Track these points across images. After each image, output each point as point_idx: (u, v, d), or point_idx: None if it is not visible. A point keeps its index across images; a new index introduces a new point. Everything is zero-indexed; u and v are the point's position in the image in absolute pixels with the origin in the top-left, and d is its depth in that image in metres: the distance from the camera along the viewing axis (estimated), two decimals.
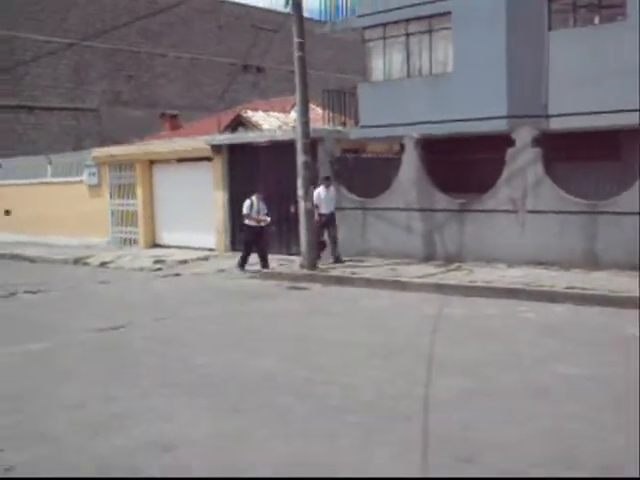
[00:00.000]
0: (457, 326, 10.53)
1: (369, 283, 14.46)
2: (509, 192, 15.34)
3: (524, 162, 15.07)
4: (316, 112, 21.00)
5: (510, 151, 15.28)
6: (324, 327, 10.76)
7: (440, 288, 13.52)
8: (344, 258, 16.81)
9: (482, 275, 14.22)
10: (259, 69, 38.14)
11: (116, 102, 35.05)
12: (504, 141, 15.86)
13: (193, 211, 21.98)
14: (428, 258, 16.39)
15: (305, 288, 14.78)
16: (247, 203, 17.12)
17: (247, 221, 17.11)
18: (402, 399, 7.13)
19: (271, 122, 23.91)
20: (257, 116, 25.85)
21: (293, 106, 24.12)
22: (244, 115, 26.38)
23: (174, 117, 31.65)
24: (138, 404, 7.29)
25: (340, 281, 14.93)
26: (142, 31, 35.38)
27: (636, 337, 9.37)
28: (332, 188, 17.02)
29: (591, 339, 9.45)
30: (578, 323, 10.49)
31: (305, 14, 16.07)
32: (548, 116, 16.81)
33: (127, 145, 25.40)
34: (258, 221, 17.02)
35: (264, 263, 16.96)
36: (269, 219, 17.26)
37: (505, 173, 15.40)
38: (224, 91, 24.34)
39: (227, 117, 27.01)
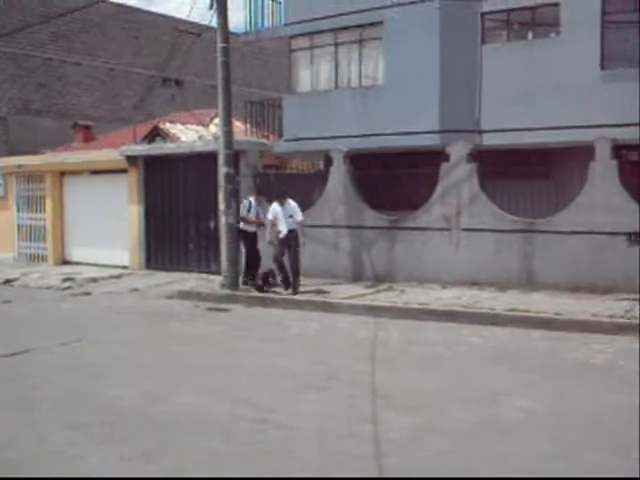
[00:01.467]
0: (397, 352, 9.66)
1: (295, 304, 13.51)
2: (443, 209, 14.66)
3: (459, 177, 14.41)
4: (237, 126, 20.04)
5: (444, 166, 14.62)
6: (249, 353, 9.75)
7: (372, 310, 12.67)
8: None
9: (415, 296, 13.45)
10: (178, 82, 36.98)
11: (25, 110, 33.32)
12: (437, 156, 15.22)
13: (106, 226, 20.68)
14: (357, 278, 15.56)
15: (226, 309, 13.75)
16: (244, 204, 15.28)
17: (243, 225, 15.29)
18: (348, 439, 6.20)
19: (190, 135, 22.83)
20: (175, 128, 24.77)
21: (212, 119, 23.19)
22: (161, 127, 25.27)
23: (87, 128, 30.22)
24: (34, 451, 6.16)
25: (263, 302, 13.95)
26: (55, 37, 33.82)
27: (585, 364, 8.74)
28: (290, 202, 14.68)
29: (543, 367, 8.69)
30: (525, 348, 9.74)
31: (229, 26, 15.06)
32: (481, 131, 16.26)
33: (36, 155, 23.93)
34: (258, 225, 15.23)
35: (253, 276, 15.07)
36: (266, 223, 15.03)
37: (439, 189, 14.72)
38: (140, 100, 23.10)
39: (144, 129, 25.84)
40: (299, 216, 14.35)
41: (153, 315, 13.16)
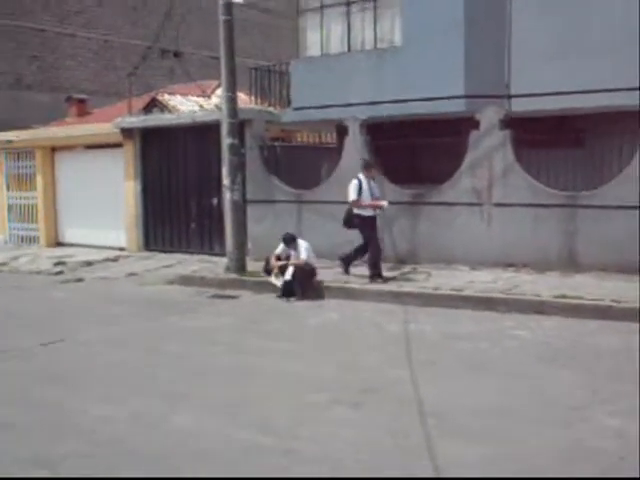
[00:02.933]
0: (437, 351, 8.17)
1: (311, 290, 12.02)
2: (472, 181, 13.12)
3: (490, 146, 12.87)
4: (241, 99, 18.48)
5: (474, 134, 13.08)
6: (262, 354, 8.27)
7: (398, 297, 11.21)
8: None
9: (444, 280, 11.96)
10: (177, 54, 35.32)
11: (17, 85, 31.71)
12: (464, 124, 13.69)
13: (102, 205, 19.19)
14: None
15: (233, 296, 12.29)
16: (354, 184, 12.46)
17: (357, 210, 12.55)
18: None
19: (190, 107, 21.24)
20: (175, 100, 23.20)
21: (215, 90, 21.61)
22: (160, 99, 23.71)
23: (82, 102, 28.63)
24: None
25: (273, 289, 12.44)
26: (49, 8, 32.19)
27: None
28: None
29: (620, 369, 7.19)
30: (588, 344, 8.25)
31: None
32: (511, 96, 14.64)
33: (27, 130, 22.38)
34: (375, 207, 12.56)
35: (374, 270, 12.29)
36: (387, 203, 12.61)
37: (467, 160, 13.19)
38: (135, 68, 21.48)
39: (141, 101, 24.34)
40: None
41: (151, 305, 11.70)
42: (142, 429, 5.83)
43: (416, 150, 14.82)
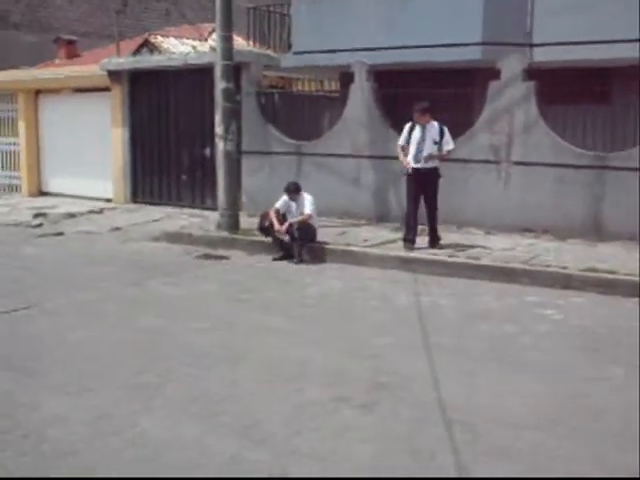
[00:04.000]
0: (456, 334, 7.03)
1: (310, 252, 10.89)
2: (490, 137, 11.92)
3: (512, 99, 11.65)
4: (238, 42, 17.13)
5: (494, 85, 11.86)
6: (254, 332, 7.13)
7: (407, 263, 10.09)
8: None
9: (457, 244, 10.85)
10: None
11: (4, 24, 30.17)
12: (479, 74, 12.48)
13: (88, 153, 17.89)
14: (381, 219, 12.92)
15: (223, 257, 11.15)
16: (406, 129, 10.95)
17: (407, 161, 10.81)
18: None
19: (184, 50, 19.88)
20: (168, 42, 21.86)
21: (211, 33, 20.19)
22: (152, 40, 22.36)
23: (71, 43, 27.21)
24: None
25: (269, 249, 11.28)
26: None
27: None
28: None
29: None
30: (629, 330, 7.12)
31: None
32: (532, 45, 13.33)
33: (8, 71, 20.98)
34: (436, 158, 10.71)
35: (432, 233, 10.92)
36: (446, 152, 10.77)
37: (486, 113, 11.99)
38: (124, 5, 20.10)
39: (133, 44, 23.00)
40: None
41: (132, 266, 10.55)
42: (102, 437, 4.69)
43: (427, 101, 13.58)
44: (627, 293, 8.44)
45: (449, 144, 10.69)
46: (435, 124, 10.72)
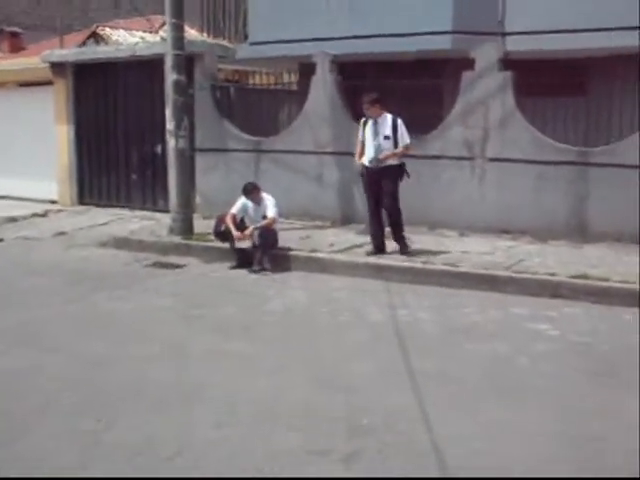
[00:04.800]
0: (443, 357, 6.13)
1: (271, 260, 9.93)
2: (463, 132, 11.08)
3: (487, 90, 10.82)
4: (191, 34, 16.13)
5: (467, 75, 11.02)
6: (212, 359, 6.17)
7: (378, 271, 9.20)
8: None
9: (430, 248, 9.99)
10: None
11: None
12: (450, 65, 11.69)
13: (32, 152, 16.70)
14: (347, 220, 12.03)
15: (176, 265, 10.17)
16: (361, 124, 10.00)
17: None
18: None
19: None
20: (117, 34, 20.81)
21: (163, 25, 19.12)
22: (101, 33, 21.31)
23: (15, 35, 26.12)
24: None
25: (225, 256, 10.30)
26: None
27: None
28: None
29: None
30: (631, 347, 6.29)
31: None
32: (505, 34, 12.53)
33: None
34: (393, 157, 9.66)
35: (398, 241, 9.85)
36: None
37: (459, 105, 11.14)
38: None
39: (81, 36, 21.95)
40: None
41: (75, 277, 9.52)
42: None
43: (394, 94, 12.73)
44: (623, 302, 7.65)
45: (404, 138, 9.64)
46: (388, 117, 9.69)
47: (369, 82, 12.61)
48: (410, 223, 11.30)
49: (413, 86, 12.14)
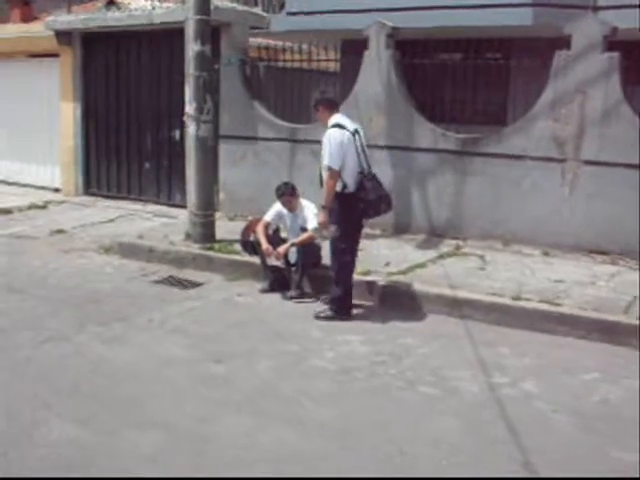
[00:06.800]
0: (584, 465, 4.08)
1: (311, 281, 7.84)
2: (552, 126, 8.91)
3: (587, 76, 8.66)
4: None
5: (561, 56, 8.83)
6: (244, 462, 4.14)
7: (456, 306, 7.10)
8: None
9: (507, 272, 7.91)
10: None
11: None
12: (536, 43, 9.60)
13: (34, 132, 14.76)
14: (401, 228, 9.96)
15: (194, 284, 8.14)
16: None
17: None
18: None
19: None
20: (137, 2, 18.73)
21: None
22: (118, 1, 19.25)
23: (26, 4, 24.06)
24: None
25: (255, 272, 8.21)
26: None
27: None
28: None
29: None
30: None
31: None
32: (597, 8, 10.34)
33: None
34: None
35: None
36: None
37: (547, 93, 8.96)
38: None
39: (96, 5, 19.94)
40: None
41: (62, 298, 7.49)
42: None
43: (465, 76, 10.62)
44: None
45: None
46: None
47: (433, 61, 10.54)
48: (480, 235, 9.30)
49: (486, 66, 10.04)
